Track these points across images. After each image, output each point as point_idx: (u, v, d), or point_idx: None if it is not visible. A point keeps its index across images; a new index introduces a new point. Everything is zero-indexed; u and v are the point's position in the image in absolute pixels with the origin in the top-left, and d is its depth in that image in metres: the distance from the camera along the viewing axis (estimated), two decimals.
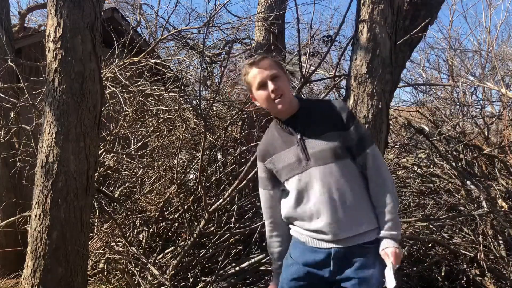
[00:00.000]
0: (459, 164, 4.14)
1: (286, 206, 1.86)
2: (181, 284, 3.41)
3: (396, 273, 1.72)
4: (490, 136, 4.95)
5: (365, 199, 1.77)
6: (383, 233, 1.74)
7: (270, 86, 1.74)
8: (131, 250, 3.35)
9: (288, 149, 1.79)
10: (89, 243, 2.94)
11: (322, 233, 1.75)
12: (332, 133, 1.74)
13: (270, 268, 3.50)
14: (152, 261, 3.33)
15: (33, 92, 3.96)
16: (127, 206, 3.87)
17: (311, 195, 1.75)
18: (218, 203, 3.19)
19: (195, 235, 3.25)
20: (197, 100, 4.81)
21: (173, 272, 3.24)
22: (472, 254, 3.58)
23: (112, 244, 3.61)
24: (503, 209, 3.76)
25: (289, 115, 1.80)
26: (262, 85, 1.76)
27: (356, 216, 1.73)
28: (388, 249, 1.72)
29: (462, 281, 3.69)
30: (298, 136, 1.77)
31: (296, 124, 1.79)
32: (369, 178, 1.77)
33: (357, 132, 1.76)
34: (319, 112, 1.81)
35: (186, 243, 3.38)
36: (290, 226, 1.90)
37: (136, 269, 3.27)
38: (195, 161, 4.15)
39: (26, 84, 3.66)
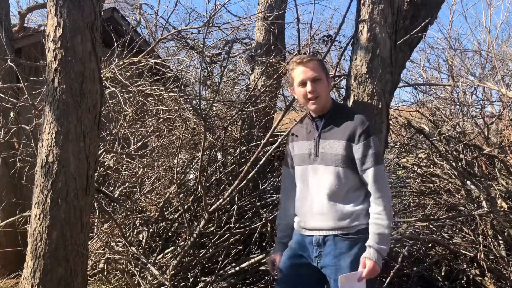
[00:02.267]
0: (459, 164, 4.14)
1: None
2: (181, 284, 3.41)
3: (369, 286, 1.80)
4: (490, 136, 4.95)
5: (355, 201, 1.93)
6: (370, 242, 1.85)
7: (309, 87, 1.97)
8: (131, 250, 3.35)
9: (307, 141, 2.04)
10: (89, 243, 2.94)
11: (308, 222, 1.98)
12: (342, 142, 1.92)
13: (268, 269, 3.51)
14: (152, 261, 3.33)
15: (33, 92, 3.96)
16: (127, 206, 3.87)
17: (309, 186, 1.99)
18: (218, 203, 3.19)
19: (195, 235, 3.24)
20: (197, 100, 4.82)
21: (173, 272, 3.24)
22: (472, 254, 3.58)
23: (112, 244, 3.61)
24: (503, 209, 3.76)
25: (319, 114, 2.03)
26: (303, 84, 1.99)
27: (342, 213, 1.91)
28: (367, 261, 1.82)
29: (462, 281, 3.69)
30: (316, 134, 2.00)
31: (320, 123, 2.02)
32: (369, 192, 1.92)
33: (364, 149, 1.90)
34: (342, 119, 1.99)
35: (186, 243, 3.37)
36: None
37: (136, 269, 3.27)
38: (195, 161, 4.15)
39: (26, 84, 3.66)
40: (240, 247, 3.70)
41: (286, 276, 2.03)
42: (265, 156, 3.08)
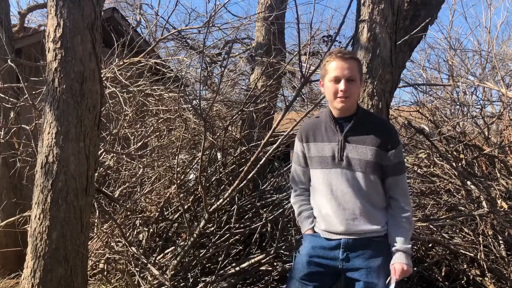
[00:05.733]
0: (459, 164, 4.14)
1: (312, 193, 2.06)
2: (181, 284, 3.41)
3: (397, 286, 1.83)
4: (490, 136, 4.95)
5: (381, 206, 1.95)
6: (399, 247, 1.89)
7: (342, 85, 1.86)
8: (131, 250, 3.35)
9: (327, 143, 1.94)
10: (89, 243, 2.94)
11: (336, 226, 1.92)
12: (373, 149, 1.89)
13: (271, 263, 3.51)
14: (152, 261, 3.32)
15: (33, 92, 3.96)
16: (127, 206, 3.87)
17: (335, 191, 1.92)
18: (218, 203, 3.19)
19: (195, 235, 3.24)
20: (197, 100, 4.81)
21: (173, 272, 3.24)
22: (472, 254, 3.58)
23: (112, 244, 3.61)
24: (503, 209, 3.76)
25: (342, 115, 1.94)
26: (336, 80, 1.88)
27: (373, 217, 1.91)
28: (397, 265, 1.87)
29: (462, 281, 3.69)
30: (341, 137, 1.92)
31: (345, 126, 1.93)
32: (392, 198, 1.96)
33: (395, 157, 1.90)
34: (371, 125, 1.94)
35: (186, 243, 3.37)
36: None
37: (136, 269, 3.27)
38: (195, 161, 4.14)
39: (26, 84, 3.66)
40: (240, 247, 3.69)
41: (299, 281, 1.99)
42: (265, 156, 3.08)
